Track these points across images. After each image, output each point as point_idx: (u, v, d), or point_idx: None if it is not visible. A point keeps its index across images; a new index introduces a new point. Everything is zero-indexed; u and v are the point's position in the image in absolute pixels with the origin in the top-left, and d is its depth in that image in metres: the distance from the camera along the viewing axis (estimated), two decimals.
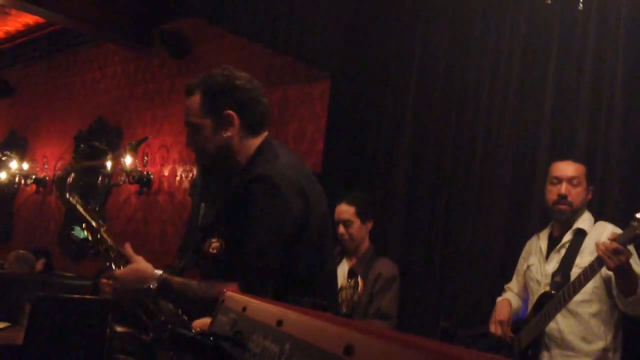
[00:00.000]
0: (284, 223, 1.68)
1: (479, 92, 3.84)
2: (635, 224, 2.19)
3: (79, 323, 3.25)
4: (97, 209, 6.91)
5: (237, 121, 1.83)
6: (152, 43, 6.54)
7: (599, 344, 2.48)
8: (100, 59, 7.53)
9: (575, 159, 2.81)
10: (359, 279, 3.02)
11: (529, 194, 3.48)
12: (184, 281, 1.75)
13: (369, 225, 3.26)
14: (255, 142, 1.86)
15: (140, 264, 1.84)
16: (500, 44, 3.80)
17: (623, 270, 2.25)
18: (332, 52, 4.39)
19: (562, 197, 2.65)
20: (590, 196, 2.71)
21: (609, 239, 2.25)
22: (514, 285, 2.94)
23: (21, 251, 5.39)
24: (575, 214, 2.67)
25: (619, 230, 2.39)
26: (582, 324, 2.49)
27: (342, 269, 3.23)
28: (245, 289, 1.60)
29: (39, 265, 5.87)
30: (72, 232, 7.15)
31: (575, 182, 2.66)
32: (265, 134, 1.90)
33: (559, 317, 2.53)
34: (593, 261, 2.30)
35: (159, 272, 1.78)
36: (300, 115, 5.02)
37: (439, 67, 4.07)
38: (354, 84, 4.47)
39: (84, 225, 2.13)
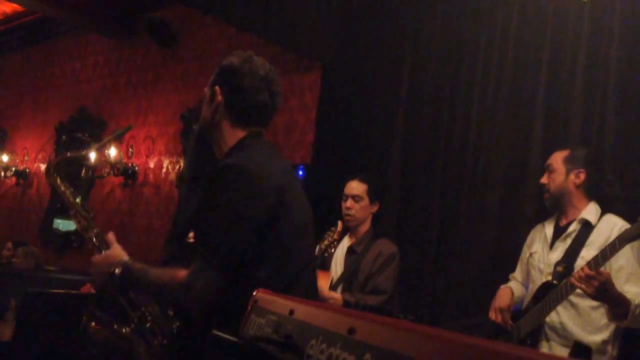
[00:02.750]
0: (253, 212, 1.64)
1: (472, 81, 3.84)
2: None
3: (67, 318, 3.19)
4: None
5: (221, 100, 1.82)
6: (135, 32, 6.42)
7: (600, 336, 2.48)
8: (81, 49, 7.38)
9: (562, 147, 2.84)
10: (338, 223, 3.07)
11: (522, 183, 3.50)
12: (143, 267, 1.74)
13: (375, 207, 3.26)
14: (238, 134, 1.83)
15: (114, 249, 1.85)
16: (493, 34, 3.79)
17: (608, 297, 2.27)
18: (323, 42, 4.34)
19: (540, 186, 2.77)
20: (578, 180, 2.67)
21: (583, 268, 2.26)
22: (517, 274, 2.92)
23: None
24: (557, 198, 2.69)
25: (627, 225, 2.38)
26: (583, 316, 2.49)
27: (342, 247, 3.23)
28: (195, 278, 1.58)
29: None
30: (55, 225, 7.04)
31: (551, 168, 2.73)
32: (256, 129, 1.85)
33: (560, 308, 2.52)
34: (597, 255, 2.29)
35: (126, 258, 1.78)
36: (291, 107, 4.97)
37: (432, 56, 4.06)
38: (345, 75, 4.43)
39: (73, 212, 2.15)
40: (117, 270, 1.73)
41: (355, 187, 3.21)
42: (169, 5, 5.80)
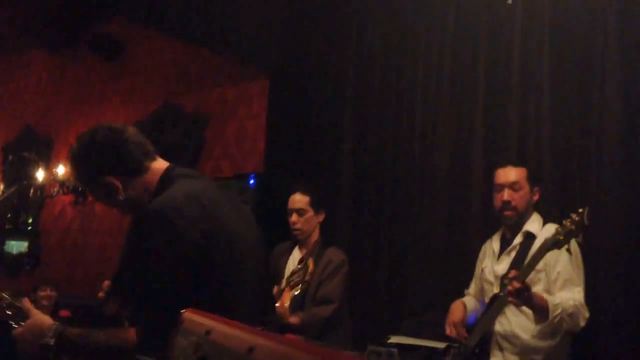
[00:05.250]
0: (175, 256, 1.63)
1: (414, 88, 3.92)
2: (559, 229, 2.30)
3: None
4: (30, 222, 6.62)
5: (118, 182, 1.78)
6: (78, 47, 6.29)
7: (550, 342, 2.55)
8: (24, 66, 7.20)
9: (515, 163, 2.84)
10: (309, 261, 3.04)
11: (467, 184, 3.59)
12: (80, 332, 1.67)
13: (321, 217, 3.27)
14: (152, 177, 1.81)
15: (36, 318, 1.73)
16: (431, 41, 3.88)
17: (532, 305, 2.37)
18: (268, 50, 4.35)
19: (506, 204, 2.70)
20: (536, 197, 2.76)
21: (509, 276, 2.35)
22: (471, 289, 3.00)
23: None
24: (522, 217, 2.73)
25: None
26: (532, 322, 2.56)
27: (293, 259, 3.24)
28: (149, 334, 1.57)
29: None
30: (4, 246, 6.83)
31: (516, 186, 2.70)
32: (162, 165, 1.84)
33: (511, 316, 2.61)
34: (523, 266, 2.37)
35: (55, 324, 1.68)
36: (240, 115, 4.95)
37: (375, 64, 4.12)
38: (292, 81, 4.45)
39: None
40: (50, 341, 1.64)
41: (298, 200, 3.21)
42: (112, 18, 5.71)
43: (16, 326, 1.76)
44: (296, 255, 3.26)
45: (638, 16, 3.11)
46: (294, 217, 3.19)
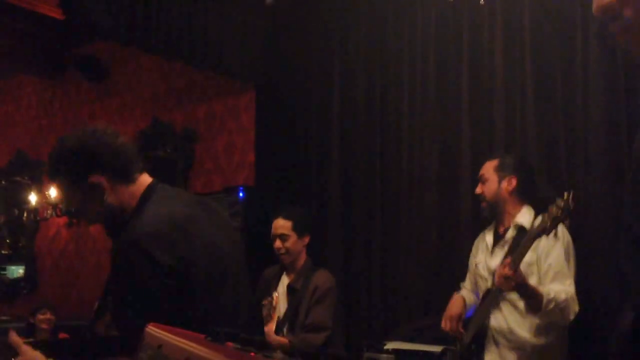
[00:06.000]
0: (154, 282, 1.66)
1: (400, 93, 3.94)
2: (545, 215, 2.31)
3: None
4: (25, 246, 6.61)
5: (105, 182, 1.76)
6: (66, 69, 6.31)
7: (545, 339, 2.55)
8: (13, 91, 7.21)
9: (490, 157, 2.95)
10: (274, 295, 3.06)
11: (456, 185, 3.60)
12: None
13: (306, 239, 3.23)
14: (135, 190, 1.80)
15: (29, 355, 1.67)
16: (414, 42, 3.90)
17: (523, 291, 2.40)
18: (252, 62, 4.37)
19: (478, 196, 2.87)
20: (512, 186, 2.77)
21: (503, 264, 2.36)
22: (467, 282, 3.00)
23: None
24: (494, 207, 2.78)
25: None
26: (527, 318, 2.56)
27: (282, 285, 3.22)
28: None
29: None
30: (4, 272, 6.82)
31: (483, 179, 2.83)
32: (146, 180, 1.83)
33: (506, 312, 2.61)
34: (514, 256, 2.37)
35: None
36: (228, 129, 4.97)
37: (360, 70, 4.14)
38: (278, 92, 4.47)
39: None
40: None
41: (281, 225, 3.18)
42: (97, 40, 5.73)
43: None
44: (284, 280, 3.24)
45: None
46: (277, 243, 3.17)
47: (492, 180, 2.79)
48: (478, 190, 2.84)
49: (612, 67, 3.09)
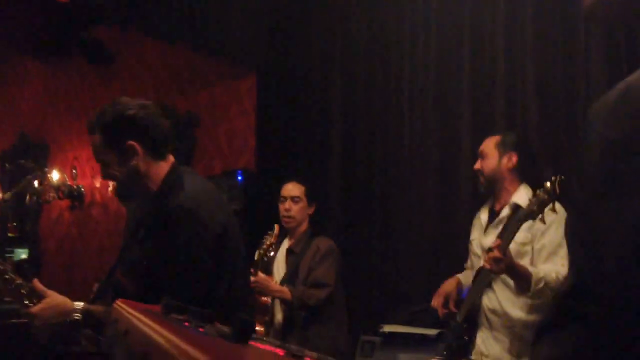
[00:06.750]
0: (205, 249, 1.81)
1: (401, 78, 3.92)
2: (532, 199, 2.29)
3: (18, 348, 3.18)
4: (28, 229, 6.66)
5: (140, 150, 1.89)
6: (70, 54, 6.32)
7: (537, 315, 2.55)
8: (18, 76, 7.23)
9: (491, 133, 2.91)
10: (275, 227, 3.13)
11: (456, 170, 3.60)
12: (106, 309, 1.78)
13: (312, 209, 3.33)
14: (163, 167, 1.94)
15: (57, 298, 1.87)
16: (415, 29, 3.88)
17: (513, 273, 2.40)
18: (254, 47, 4.37)
19: (475, 172, 2.84)
20: (510, 163, 2.74)
21: (492, 246, 2.36)
22: (469, 262, 2.99)
23: None
24: (491, 183, 2.75)
25: (556, 205, 2.45)
26: (520, 296, 2.56)
27: (282, 249, 3.30)
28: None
29: None
30: (11, 254, 6.88)
31: (482, 154, 2.79)
32: (172, 159, 1.97)
33: (498, 291, 2.60)
34: (502, 238, 2.36)
35: (79, 303, 1.83)
36: (230, 114, 4.98)
37: (361, 54, 4.13)
38: (279, 78, 4.47)
39: None
40: (78, 317, 1.78)
41: (294, 188, 3.26)
42: (100, 24, 5.73)
43: (31, 305, 1.86)
44: (284, 245, 3.31)
45: None
46: (287, 204, 3.22)
47: (492, 155, 2.75)
48: (477, 165, 2.80)
49: (614, 53, 3.08)
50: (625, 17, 1.03)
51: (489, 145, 2.79)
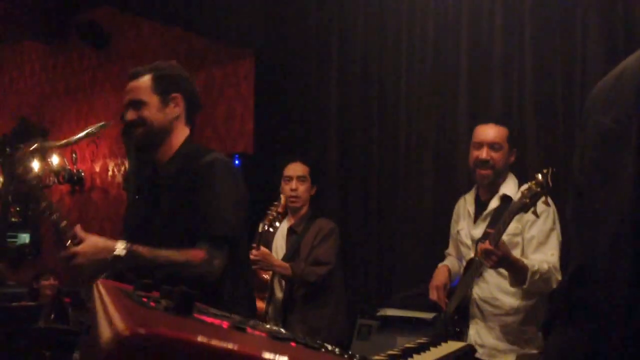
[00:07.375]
0: (242, 197, 1.99)
1: (398, 59, 3.90)
2: (525, 191, 2.22)
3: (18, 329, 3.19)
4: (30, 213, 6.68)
5: (183, 105, 2.04)
6: (69, 36, 6.29)
7: (527, 301, 2.54)
8: (17, 58, 7.20)
9: (497, 121, 2.73)
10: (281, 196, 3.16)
11: (453, 153, 3.60)
12: (151, 249, 1.87)
13: (314, 190, 3.32)
14: (183, 133, 2.06)
15: (98, 238, 1.94)
16: (413, 11, 3.85)
17: (507, 265, 2.35)
18: (253, 29, 4.33)
19: (484, 162, 2.61)
20: (513, 158, 2.70)
21: (484, 238, 2.34)
22: (451, 249, 2.96)
23: None
24: (498, 177, 2.66)
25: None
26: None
27: (282, 229, 3.29)
28: (213, 256, 1.86)
29: None
30: (14, 239, 6.92)
31: (497, 146, 2.62)
32: (188, 131, 2.12)
33: (489, 278, 2.58)
34: (494, 231, 2.33)
35: (121, 242, 1.87)
36: (228, 97, 4.95)
37: (358, 38, 4.10)
38: (277, 60, 4.44)
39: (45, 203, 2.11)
40: (122, 252, 1.83)
41: (300, 168, 3.25)
42: (98, 6, 5.69)
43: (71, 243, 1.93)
44: (284, 224, 3.31)
45: None
46: (294, 184, 3.21)
47: (505, 149, 2.64)
48: (486, 155, 2.59)
49: (612, 40, 3.05)
50: None
51: (503, 138, 2.64)
